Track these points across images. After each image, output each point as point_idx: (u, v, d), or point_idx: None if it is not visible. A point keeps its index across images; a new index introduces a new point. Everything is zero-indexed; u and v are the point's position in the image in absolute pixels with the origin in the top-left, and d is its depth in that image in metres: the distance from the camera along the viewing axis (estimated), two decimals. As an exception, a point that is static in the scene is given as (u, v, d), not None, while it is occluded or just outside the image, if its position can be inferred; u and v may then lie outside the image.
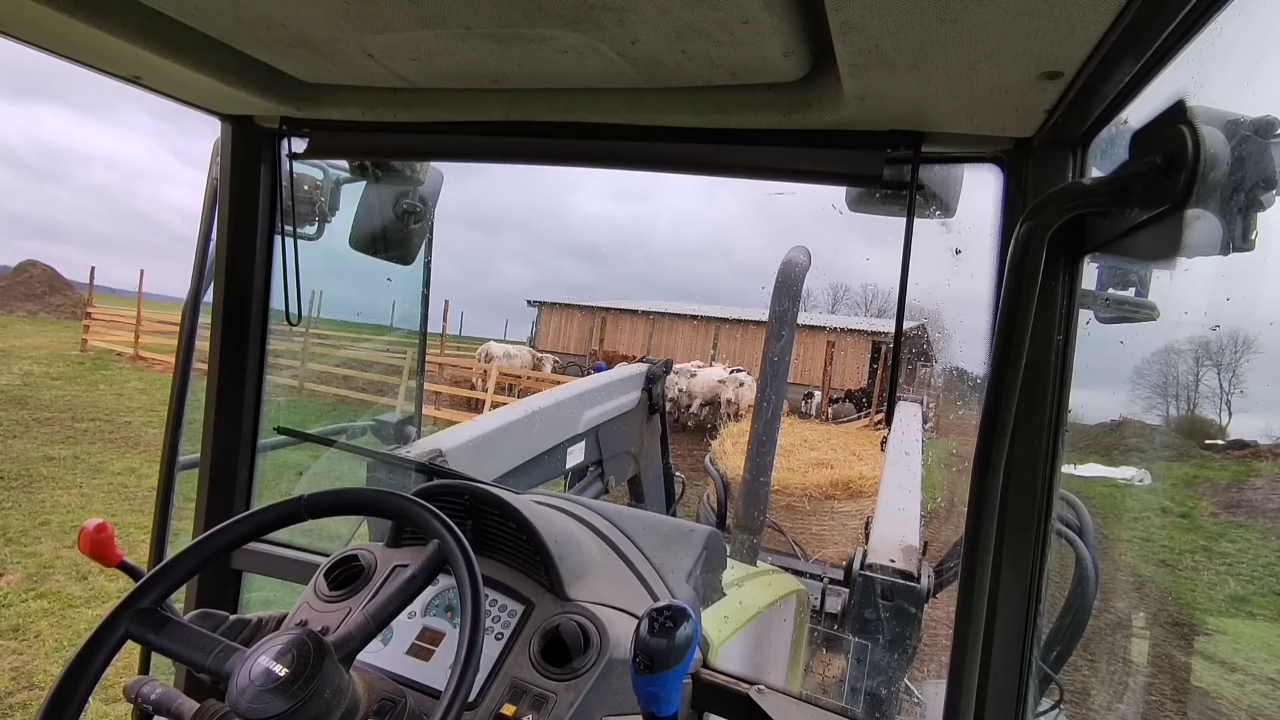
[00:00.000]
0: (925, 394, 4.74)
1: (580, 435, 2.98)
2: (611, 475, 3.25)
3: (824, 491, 6.12)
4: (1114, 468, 7.27)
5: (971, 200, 1.25)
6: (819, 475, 6.24)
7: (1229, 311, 1.13)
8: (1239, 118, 0.76)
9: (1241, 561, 6.84)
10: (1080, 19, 0.74)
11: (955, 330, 1.37)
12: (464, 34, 1.02)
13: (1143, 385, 9.97)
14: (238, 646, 0.86)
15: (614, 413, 3.21)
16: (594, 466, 3.15)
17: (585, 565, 1.26)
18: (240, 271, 1.68)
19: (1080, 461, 13.00)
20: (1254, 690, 4.70)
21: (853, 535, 6.00)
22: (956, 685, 1.00)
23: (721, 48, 0.95)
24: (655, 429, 3.63)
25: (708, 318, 25.09)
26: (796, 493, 6.13)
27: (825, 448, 6.98)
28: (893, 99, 1.02)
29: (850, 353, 22.03)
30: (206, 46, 1.19)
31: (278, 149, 1.64)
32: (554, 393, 2.99)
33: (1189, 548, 7.25)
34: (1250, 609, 6.00)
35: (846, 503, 6.12)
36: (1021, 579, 1.08)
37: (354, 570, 1.26)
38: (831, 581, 3.32)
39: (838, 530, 6.08)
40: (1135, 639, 5.29)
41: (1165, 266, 0.87)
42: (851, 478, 6.18)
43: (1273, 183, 0.75)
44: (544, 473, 2.80)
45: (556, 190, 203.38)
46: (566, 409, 2.91)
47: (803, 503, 6.12)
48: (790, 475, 6.23)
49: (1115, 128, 0.96)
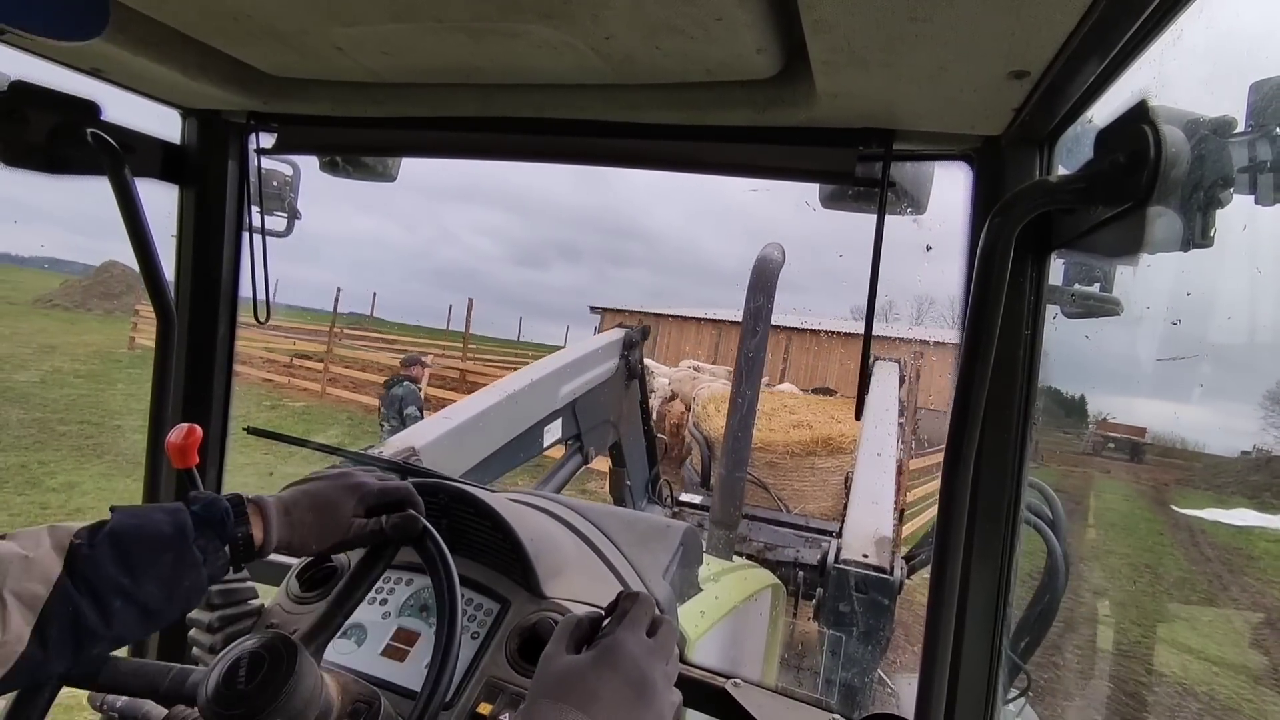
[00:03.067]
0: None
1: (557, 412, 2.95)
2: (591, 446, 3.23)
3: (805, 448, 6.26)
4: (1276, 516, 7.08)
5: (942, 197, 1.27)
6: (800, 434, 6.37)
7: (1189, 306, 1.16)
8: (1198, 117, 0.78)
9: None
10: (1047, 19, 0.75)
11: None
12: (436, 27, 1.01)
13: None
14: (190, 668, 0.85)
15: (592, 383, 3.19)
16: (572, 440, 3.13)
17: (561, 563, 1.26)
18: (207, 269, 1.65)
19: (1226, 504, 12.85)
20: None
21: (834, 491, 6.13)
22: (929, 674, 1.02)
23: (695, 44, 0.95)
24: (634, 394, 3.62)
25: (777, 326, 20.46)
26: (779, 450, 6.25)
27: (805, 412, 7.10)
28: (864, 97, 1.03)
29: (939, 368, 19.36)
30: (169, 39, 1.16)
31: (245, 144, 1.61)
32: (528, 371, 2.95)
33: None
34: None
35: (827, 459, 6.26)
36: (992, 569, 1.10)
37: (327, 571, 1.25)
38: (806, 569, 3.37)
39: (819, 486, 6.23)
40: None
41: (1129, 262, 0.89)
42: (831, 435, 6.32)
43: (1230, 181, 0.77)
44: (521, 455, 2.78)
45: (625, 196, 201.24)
46: (542, 387, 2.88)
47: (784, 459, 6.24)
48: (772, 435, 6.35)
49: (1081, 126, 0.98)
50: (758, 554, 3.52)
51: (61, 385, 11.85)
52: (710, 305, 25.57)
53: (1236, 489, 14.66)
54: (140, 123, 1.49)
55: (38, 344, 15.73)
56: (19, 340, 15.88)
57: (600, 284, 32.49)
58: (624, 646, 0.71)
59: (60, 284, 28.13)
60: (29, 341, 15.85)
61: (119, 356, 15.55)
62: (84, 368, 13.73)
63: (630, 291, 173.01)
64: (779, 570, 3.43)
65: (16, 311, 23.12)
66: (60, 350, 15.12)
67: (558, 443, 3.02)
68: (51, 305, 25.47)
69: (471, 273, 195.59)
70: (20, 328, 18.15)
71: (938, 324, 15.26)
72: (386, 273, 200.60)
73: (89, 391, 11.72)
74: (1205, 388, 9.06)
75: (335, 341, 16.26)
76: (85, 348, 15.95)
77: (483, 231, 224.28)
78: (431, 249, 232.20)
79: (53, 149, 1.34)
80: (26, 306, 25.21)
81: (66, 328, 19.36)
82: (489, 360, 19.39)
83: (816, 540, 3.66)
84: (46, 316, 22.45)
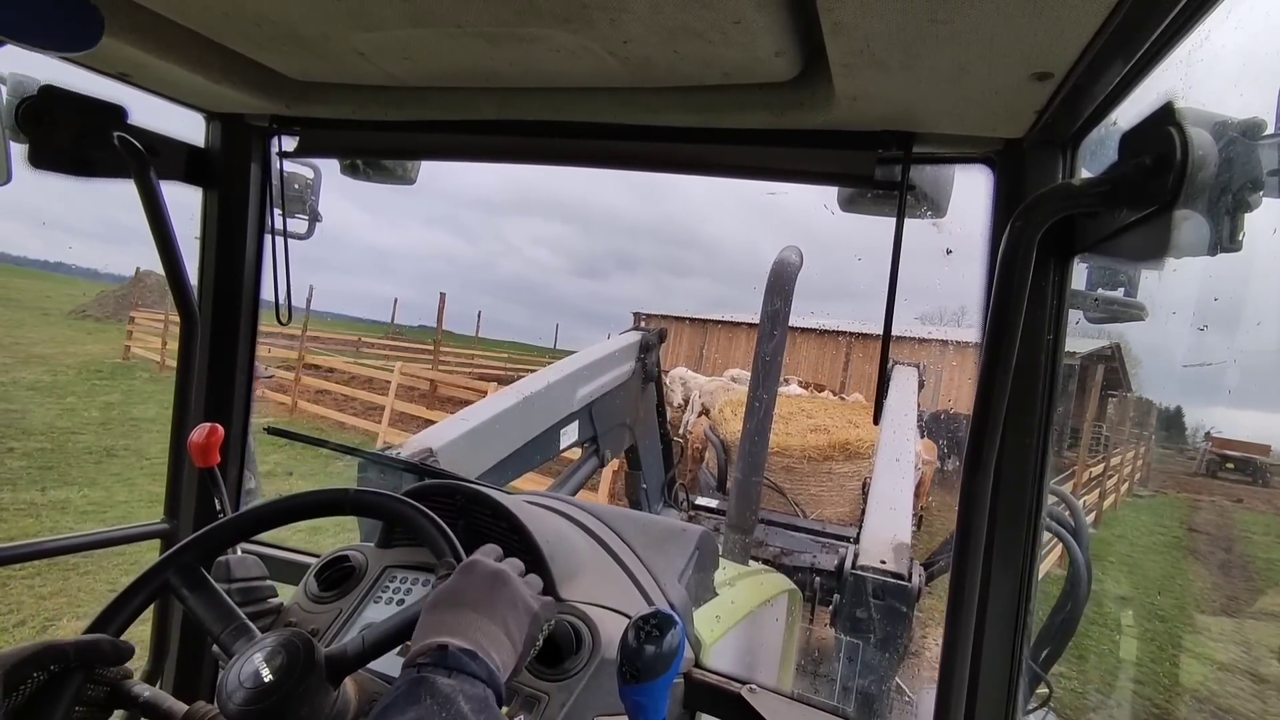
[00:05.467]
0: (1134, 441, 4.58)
1: (574, 414, 2.94)
2: (607, 449, 3.22)
3: (822, 453, 6.18)
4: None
5: (962, 200, 1.26)
6: (817, 439, 6.29)
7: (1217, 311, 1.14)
8: (1227, 119, 0.76)
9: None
10: (1070, 20, 0.74)
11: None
12: (456, 32, 1.02)
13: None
14: (252, 628, 0.92)
15: (608, 386, 3.17)
16: (589, 443, 3.12)
17: (577, 565, 1.26)
18: (230, 270, 1.67)
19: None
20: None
21: (851, 497, 6.04)
22: (947, 683, 1.01)
23: (713, 48, 0.95)
24: (650, 397, 3.59)
25: (836, 331, 18.44)
26: (796, 454, 6.18)
27: (822, 415, 7.02)
28: (884, 99, 1.02)
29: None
30: (195, 44, 1.18)
31: (267, 147, 1.63)
32: (545, 374, 2.93)
33: None
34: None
35: (844, 464, 6.18)
36: (1012, 577, 1.08)
37: (345, 571, 1.26)
38: (822, 575, 3.34)
39: (835, 491, 6.15)
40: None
41: (1154, 267, 0.88)
42: (849, 439, 6.23)
43: (1260, 184, 0.75)
44: (538, 458, 2.77)
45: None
46: (559, 390, 2.86)
47: (801, 464, 6.16)
48: (789, 439, 6.28)
49: (1104, 129, 0.97)
50: (774, 559, 3.49)
51: (14, 400, 10.74)
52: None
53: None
54: (165, 126, 1.51)
55: (27, 354, 14.95)
56: (17, 351, 15.12)
57: (658, 293, 32.18)
58: (504, 571, 0.89)
59: (96, 295, 28.09)
60: (21, 352, 15.01)
61: (101, 367, 14.67)
62: (47, 379, 12.62)
63: (689, 301, 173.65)
64: (795, 576, 3.40)
65: (48, 322, 22.85)
66: (45, 360, 14.21)
67: (574, 445, 3.01)
68: (84, 316, 25.52)
69: (531, 285, 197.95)
70: (28, 336, 17.55)
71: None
72: (446, 284, 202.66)
73: (33, 408, 10.48)
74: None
75: (337, 351, 15.54)
76: (74, 358, 15.21)
77: (541, 242, 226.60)
78: (492, 260, 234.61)
79: (80, 152, 1.36)
80: (60, 317, 25.08)
81: (77, 337, 18.91)
82: (487, 369, 18.71)
83: (834, 546, 3.63)
84: (71, 327, 22.04)
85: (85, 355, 16.08)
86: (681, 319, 23.28)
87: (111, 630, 0.92)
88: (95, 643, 0.87)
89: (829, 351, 18.94)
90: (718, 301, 22.80)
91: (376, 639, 0.88)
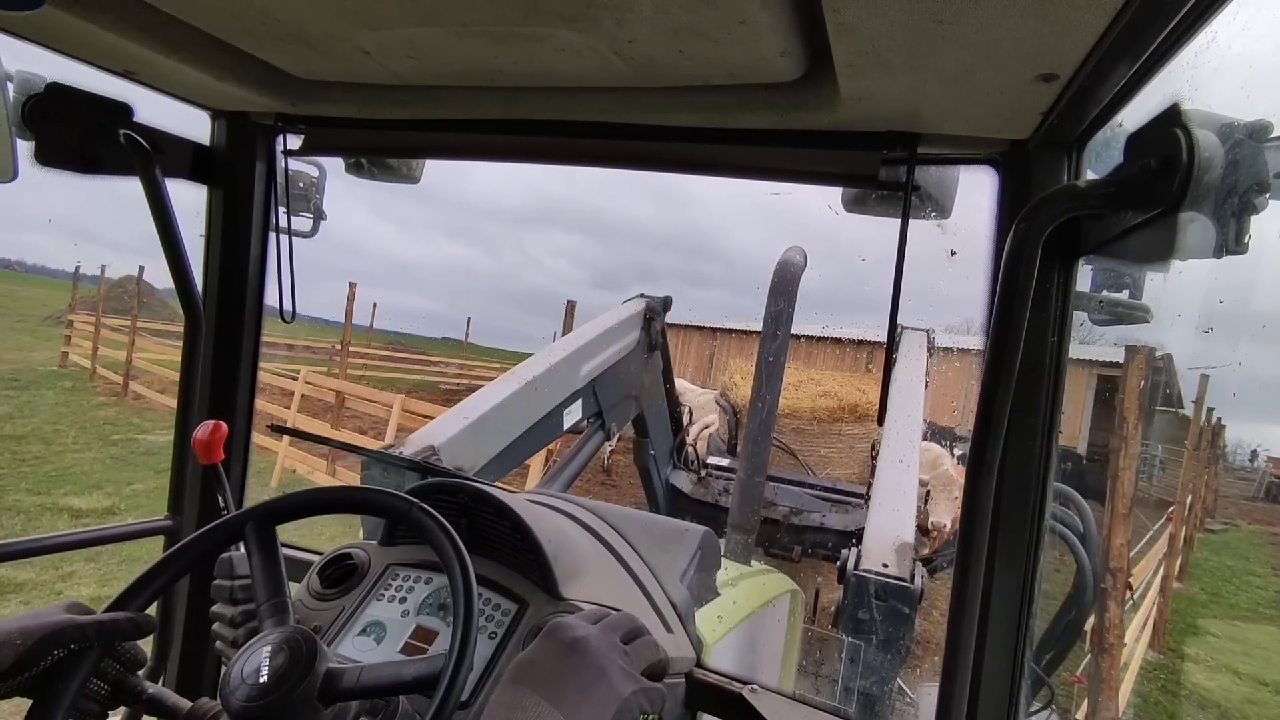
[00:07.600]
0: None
1: (577, 392, 2.88)
2: (613, 423, 3.17)
3: (832, 414, 6.23)
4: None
5: (967, 202, 1.25)
6: (826, 402, 6.35)
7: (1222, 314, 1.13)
8: (1233, 121, 0.76)
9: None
10: (1076, 22, 0.74)
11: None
12: (461, 31, 1.02)
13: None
14: (289, 610, 0.93)
15: (612, 359, 3.09)
16: (593, 419, 3.07)
17: (579, 564, 1.26)
18: (235, 268, 1.68)
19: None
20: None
21: (860, 458, 6.06)
22: (949, 685, 1.01)
23: (718, 47, 0.95)
24: (656, 364, 3.51)
25: (859, 341, 16.90)
26: (806, 416, 6.23)
27: (831, 384, 7.06)
28: (889, 100, 1.02)
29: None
30: (200, 42, 1.18)
31: (272, 146, 1.63)
32: (547, 354, 2.86)
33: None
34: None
35: (853, 425, 6.22)
36: (1015, 579, 1.08)
37: (347, 569, 1.26)
38: (832, 535, 3.34)
39: (845, 453, 6.19)
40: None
41: (1159, 269, 0.87)
42: (858, 402, 6.28)
43: (1266, 186, 0.75)
44: (541, 441, 2.74)
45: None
46: (561, 370, 2.78)
47: (811, 425, 6.21)
48: (799, 402, 6.34)
49: (1110, 130, 0.97)
50: (784, 518, 3.49)
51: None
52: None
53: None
54: (170, 124, 1.52)
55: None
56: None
57: (679, 305, 32.10)
58: (589, 641, 0.75)
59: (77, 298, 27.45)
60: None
61: (22, 375, 13.60)
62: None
63: (709, 313, 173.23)
64: (805, 534, 3.41)
65: (15, 328, 21.98)
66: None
67: (579, 423, 2.96)
68: (58, 322, 23.84)
69: (551, 296, 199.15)
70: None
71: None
72: (471, 296, 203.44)
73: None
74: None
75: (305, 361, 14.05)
76: (10, 366, 14.29)
77: (562, 254, 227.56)
78: (514, 273, 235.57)
79: (86, 149, 1.37)
80: (35, 323, 24.29)
81: (27, 343, 17.89)
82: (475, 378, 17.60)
83: (843, 504, 3.60)
84: (33, 334, 21.38)
85: (19, 362, 15.28)
86: (690, 327, 23.22)
87: (177, 569, 0.93)
88: (114, 620, 0.87)
89: (849, 361, 17.33)
90: (738, 314, 22.52)
91: (373, 683, 0.84)
